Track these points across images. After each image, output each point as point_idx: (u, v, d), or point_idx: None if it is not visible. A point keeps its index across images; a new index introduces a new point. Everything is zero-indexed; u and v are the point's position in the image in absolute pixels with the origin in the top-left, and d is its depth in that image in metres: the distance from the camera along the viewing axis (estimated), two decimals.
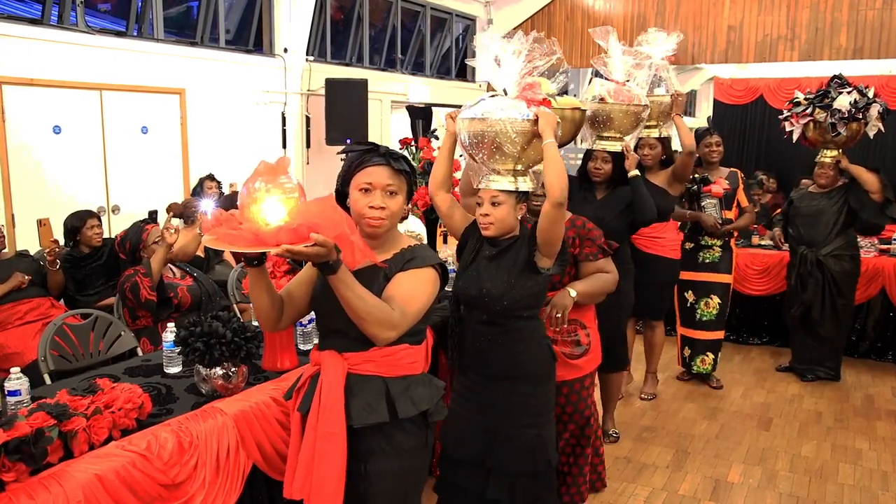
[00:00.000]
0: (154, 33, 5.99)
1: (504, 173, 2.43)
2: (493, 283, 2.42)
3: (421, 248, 1.95)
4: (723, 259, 4.59)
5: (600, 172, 3.56)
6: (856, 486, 3.51)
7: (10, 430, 1.71)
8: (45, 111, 5.17)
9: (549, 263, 2.43)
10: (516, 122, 2.35)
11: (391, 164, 1.86)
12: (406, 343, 1.89)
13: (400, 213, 1.92)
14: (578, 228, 2.91)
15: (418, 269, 1.87)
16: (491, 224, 2.43)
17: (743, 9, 8.39)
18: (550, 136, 2.33)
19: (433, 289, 1.90)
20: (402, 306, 1.81)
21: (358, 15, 8.12)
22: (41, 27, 5.10)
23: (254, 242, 1.59)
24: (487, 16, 9.83)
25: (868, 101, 4.62)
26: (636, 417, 4.30)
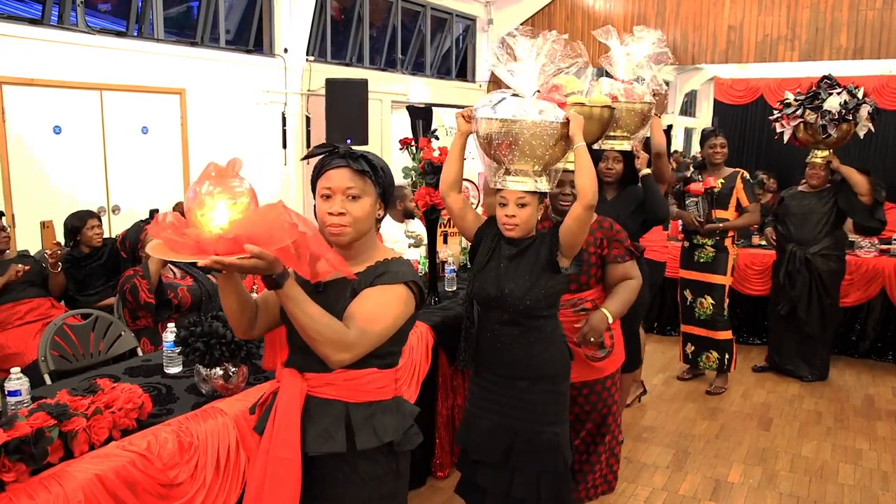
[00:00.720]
0: (154, 33, 5.99)
1: (530, 174, 2.41)
2: (515, 283, 2.41)
3: (397, 262, 1.78)
4: (717, 260, 4.57)
5: (612, 172, 3.56)
6: (856, 486, 3.51)
7: (11, 430, 1.71)
8: (45, 111, 5.17)
9: (568, 263, 2.44)
10: (548, 124, 2.34)
11: (351, 166, 1.71)
12: (373, 366, 1.73)
13: (367, 218, 1.74)
14: (606, 230, 2.91)
15: (388, 286, 1.70)
16: (516, 225, 2.42)
17: (743, 9, 8.40)
18: (581, 139, 2.33)
19: (403, 308, 1.72)
20: (362, 326, 1.63)
21: (358, 15, 8.12)
22: (41, 27, 5.10)
23: (196, 251, 1.44)
24: (487, 16, 9.83)
25: (858, 102, 4.68)
26: (636, 417, 4.30)
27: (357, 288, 1.71)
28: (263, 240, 1.43)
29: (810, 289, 4.79)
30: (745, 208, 4.55)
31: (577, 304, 2.91)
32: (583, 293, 2.92)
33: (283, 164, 7.28)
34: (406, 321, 1.76)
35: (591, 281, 2.93)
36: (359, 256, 1.77)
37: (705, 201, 4.52)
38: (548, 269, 2.42)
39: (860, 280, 5.26)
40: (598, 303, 2.92)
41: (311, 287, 1.69)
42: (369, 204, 1.73)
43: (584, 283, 2.91)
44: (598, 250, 2.90)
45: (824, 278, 4.78)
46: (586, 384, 2.94)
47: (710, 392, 4.72)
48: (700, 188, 4.50)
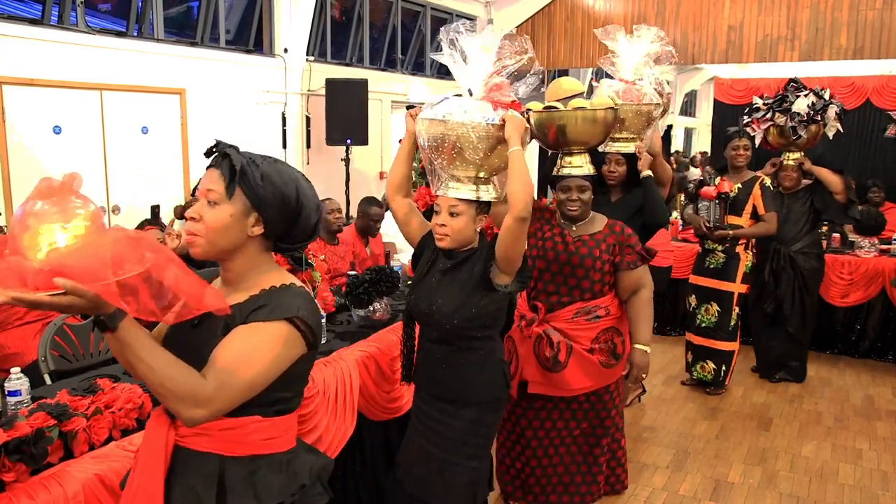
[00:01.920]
0: (154, 33, 5.99)
1: (465, 181, 2.23)
2: (444, 300, 2.23)
3: (282, 292, 1.46)
4: (728, 266, 4.49)
5: (615, 175, 3.54)
6: (856, 486, 3.51)
7: (11, 430, 1.71)
8: (45, 111, 5.17)
9: (508, 280, 2.22)
10: (479, 126, 2.14)
11: (219, 166, 1.48)
12: (257, 414, 1.45)
13: (223, 231, 1.45)
14: (618, 235, 2.85)
15: (261, 324, 1.40)
16: (446, 235, 2.23)
17: (743, 9, 8.39)
18: (517, 144, 2.12)
19: (281, 350, 1.41)
20: (223, 375, 1.35)
21: (358, 15, 8.12)
22: (41, 27, 5.10)
23: (17, 282, 1.17)
24: (487, 16, 9.82)
25: (825, 103, 4.75)
26: (636, 417, 4.30)
27: (231, 323, 1.42)
28: (84, 273, 1.17)
29: (794, 287, 4.82)
30: (761, 216, 4.42)
31: (590, 311, 2.86)
32: (596, 301, 2.86)
33: None
34: (294, 363, 1.46)
35: (604, 288, 2.87)
36: (240, 282, 1.50)
37: (717, 206, 4.44)
38: (481, 286, 2.21)
39: (860, 280, 5.26)
40: (611, 310, 2.87)
41: (188, 321, 1.38)
42: (228, 214, 1.44)
43: (598, 291, 2.86)
44: (612, 257, 2.84)
45: (806, 276, 4.82)
46: (595, 392, 2.92)
47: (709, 392, 4.71)
48: (712, 192, 4.41)
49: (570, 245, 2.85)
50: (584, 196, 2.81)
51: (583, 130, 2.82)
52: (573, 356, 2.82)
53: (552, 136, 2.84)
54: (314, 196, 1.56)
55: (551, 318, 2.87)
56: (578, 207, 2.81)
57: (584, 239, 2.85)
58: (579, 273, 2.83)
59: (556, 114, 2.79)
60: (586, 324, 2.85)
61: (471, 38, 2.21)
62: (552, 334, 2.82)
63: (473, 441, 2.30)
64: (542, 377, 2.88)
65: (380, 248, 4.95)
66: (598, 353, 2.85)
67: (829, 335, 5.56)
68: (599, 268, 2.82)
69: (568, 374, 2.82)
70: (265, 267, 1.53)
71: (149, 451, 1.45)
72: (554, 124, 2.82)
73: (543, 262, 2.88)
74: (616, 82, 3.37)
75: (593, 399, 2.94)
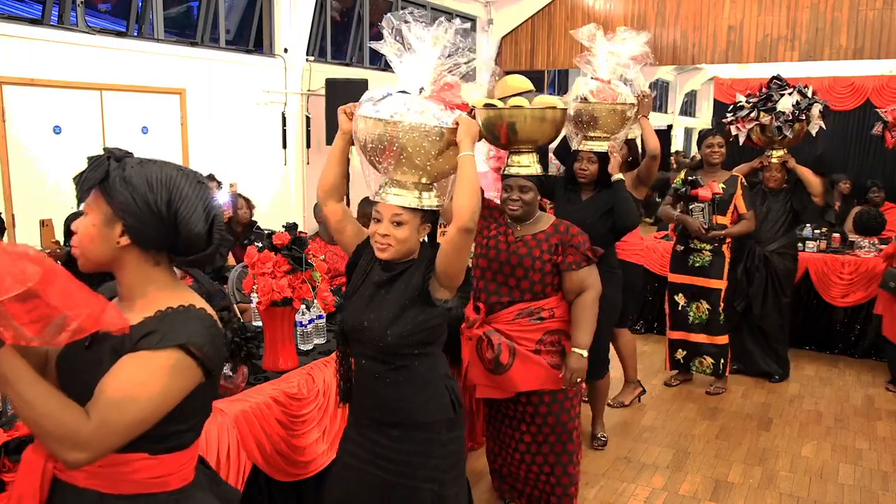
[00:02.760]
0: (154, 33, 5.99)
1: (410, 187, 2.02)
2: (377, 314, 2.03)
3: (178, 315, 1.33)
4: (713, 264, 4.48)
5: (586, 173, 3.47)
6: (856, 486, 3.51)
7: (11, 431, 1.71)
8: (45, 111, 5.17)
9: (448, 295, 2.03)
10: (430, 129, 1.95)
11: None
12: (144, 451, 1.31)
13: (93, 244, 1.32)
14: (562, 234, 2.79)
15: (148, 353, 1.27)
16: (389, 245, 2.01)
17: (743, 9, 8.40)
18: (469, 148, 1.95)
19: (171, 382, 1.28)
20: (105, 413, 1.22)
21: (358, 15, 8.12)
22: (41, 27, 5.10)
23: None
24: (487, 16, 9.83)
25: (809, 101, 4.75)
26: (636, 417, 4.30)
27: (119, 348, 1.28)
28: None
29: (766, 286, 4.81)
30: (742, 215, 4.45)
31: (533, 312, 2.79)
32: (539, 302, 2.80)
33: (282, 164, 7.28)
34: (190, 395, 1.32)
35: (546, 290, 2.80)
36: (133, 299, 1.36)
37: (709, 208, 4.44)
38: (418, 300, 2.01)
39: (860, 280, 5.26)
40: (556, 312, 2.80)
41: (81, 342, 1.26)
42: (91, 224, 1.32)
43: (540, 292, 2.79)
44: (553, 257, 2.77)
45: (780, 277, 4.82)
46: (550, 393, 2.83)
47: (710, 392, 4.70)
48: (708, 195, 4.40)
49: (511, 245, 2.81)
50: (525, 196, 2.77)
51: (532, 129, 2.77)
52: (518, 357, 2.76)
53: (503, 135, 2.78)
54: (203, 201, 1.36)
55: (493, 319, 2.82)
56: (519, 207, 2.78)
57: (525, 239, 2.81)
58: (518, 273, 2.78)
59: (506, 112, 2.72)
60: (529, 325, 2.79)
61: (421, 28, 2.02)
62: (492, 336, 2.76)
63: (431, 463, 2.08)
64: (487, 380, 2.84)
65: None
66: (546, 354, 2.79)
67: (829, 335, 5.56)
68: (539, 268, 2.76)
69: (514, 375, 2.77)
70: (161, 283, 1.37)
71: (24, 482, 1.32)
72: (504, 123, 2.75)
73: (485, 261, 2.85)
74: (591, 81, 3.35)
75: (548, 399, 2.85)
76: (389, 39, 2.06)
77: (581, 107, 3.34)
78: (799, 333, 5.64)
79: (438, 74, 2.02)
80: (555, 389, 2.83)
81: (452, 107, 2.01)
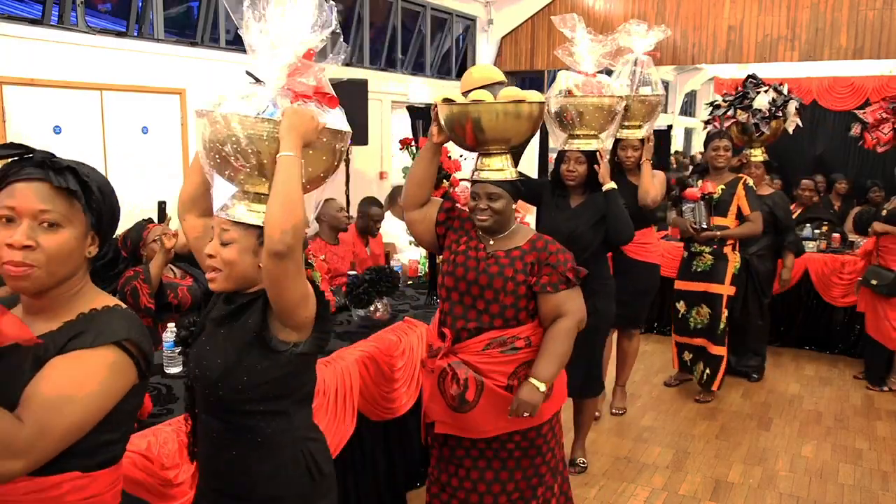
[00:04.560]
0: (154, 33, 5.99)
1: (240, 197, 1.62)
2: (210, 360, 1.62)
3: (106, 314, 1.27)
4: (715, 268, 4.36)
5: (574, 175, 3.19)
6: (856, 486, 3.51)
7: None
8: (45, 111, 5.17)
9: (297, 337, 1.60)
10: (248, 121, 1.56)
11: (51, 180, 1.21)
12: (76, 469, 1.22)
13: (67, 257, 1.24)
14: (540, 251, 2.39)
15: (84, 352, 1.20)
16: (215, 271, 1.62)
17: (743, 9, 8.39)
18: (291, 148, 1.50)
19: (107, 381, 1.21)
20: (42, 416, 1.13)
21: (358, 15, 8.12)
22: (41, 27, 5.10)
23: None
24: (487, 16, 9.83)
25: (785, 99, 4.80)
26: (636, 417, 4.30)
27: (42, 355, 1.20)
28: None
29: (747, 288, 4.79)
30: (746, 217, 4.31)
31: (505, 342, 2.37)
32: (513, 329, 2.38)
33: None
34: (124, 396, 1.25)
35: (520, 315, 2.38)
36: (55, 308, 1.27)
37: (702, 207, 4.32)
38: (256, 343, 1.59)
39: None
40: (532, 341, 2.39)
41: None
42: (73, 238, 1.24)
43: (513, 317, 2.38)
44: (528, 278, 2.37)
45: (761, 279, 4.83)
46: (521, 434, 2.42)
47: (698, 400, 4.59)
48: (696, 193, 4.29)
49: (480, 262, 2.40)
50: (495, 205, 2.37)
51: (504, 126, 2.32)
52: (484, 394, 2.34)
53: (469, 133, 2.34)
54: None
55: (459, 348, 2.40)
56: (488, 217, 2.38)
57: (497, 255, 2.40)
58: (488, 295, 2.37)
59: (473, 107, 2.30)
60: (501, 356, 2.37)
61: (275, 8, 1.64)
62: (458, 368, 2.35)
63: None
64: (449, 417, 2.42)
65: (380, 248, 4.95)
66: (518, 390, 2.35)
67: (828, 335, 5.56)
68: (512, 290, 2.36)
69: (479, 415, 2.35)
70: (85, 289, 1.30)
71: None
72: (469, 119, 2.30)
73: (451, 280, 2.44)
74: (575, 74, 3.14)
75: (517, 438, 2.43)
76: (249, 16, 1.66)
77: (564, 102, 3.10)
78: (799, 333, 5.65)
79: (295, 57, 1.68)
80: (525, 429, 2.41)
81: (299, 97, 1.64)
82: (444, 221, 2.52)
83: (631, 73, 3.63)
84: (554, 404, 2.48)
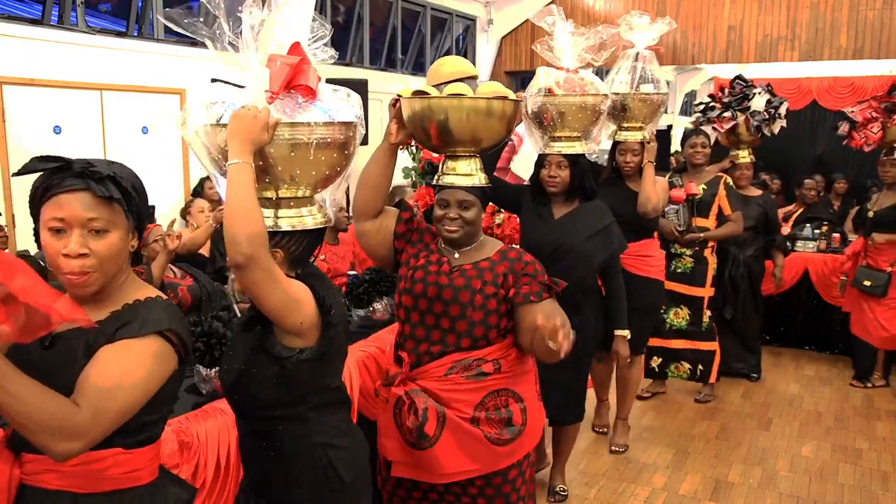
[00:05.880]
0: (154, 33, 5.99)
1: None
2: (228, 365, 1.70)
3: (149, 305, 1.36)
4: (696, 271, 4.21)
5: (556, 181, 2.90)
6: (856, 486, 3.51)
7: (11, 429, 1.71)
8: (45, 111, 5.17)
9: (302, 343, 1.61)
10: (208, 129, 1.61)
11: (94, 190, 1.28)
12: (118, 446, 1.31)
13: (117, 257, 1.33)
14: (512, 262, 2.18)
15: (131, 341, 1.29)
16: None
17: (743, 9, 8.40)
18: (235, 154, 1.50)
19: (154, 367, 1.31)
20: (98, 401, 1.22)
21: (358, 15, 8.12)
22: (41, 27, 5.10)
23: None
24: (487, 16, 9.83)
25: (780, 101, 4.77)
26: (636, 417, 4.30)
27: (93, 343, 1.29)
28: None
29: (746, 290, 4.78)
30: (727, 217, 4.20)
31: (471, 366, 2.12)
32: (480, 351, 2.13)
33: None
34: (166, 382, 1.35)
35: (490, 334, 2.13)
36: (102, 299, 1.36)
37: (686, 209, 4.20)
38: (261, 350, 1.63)
39: None
40: (502, 365, 2.14)
41: (36, 342, 1.22)
42: (119, 238, 1.33)
43: (482, 337, 2.12)
44: (499, 290, 2.13)
45: (755, 279, 4.82)
46: (482, 477, 2.15)
47: (699, 400, 4.54)
48: (681, 195, 4.15)
49: (443, 276, 2.15)
50: (467, 214, 2.14)
51: (474, 126, 2.10)
52: (447, 428, 2.08)
53: (434, 133, 2.12)
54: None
55: (418, 374, 2.14)
56: (458, 228, 2.15)
57: (463, 269, 2.16)
58: (453, 311, 2.11)
59: (437, 103, 2.07)
60: (466, 383, 2.11)
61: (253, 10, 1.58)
62: (417, 397, 2.08)
63: None
64: (406, 456, 2.14)
65: None
66: (486, 424, 2.10)
67: (828, 335, 5.56)
68: (480, 304, 2.11)
69: (439, 453, 2.08)
70: (128, 280, 1.40)
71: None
72: (434, 117, 2.08)
73: (409, 299, 2.18)
74: (556, 70, 2.90)
75: (488, 491, 2.16)
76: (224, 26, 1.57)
77: (545, 101, 2.83)
78: (799, 333, 5.64)
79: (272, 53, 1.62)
80: (496, 471, 2.15)
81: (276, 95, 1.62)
82: (404, 234, 2.27)
83: (631, 70, 3.40)
84: (526, 443, 2.19)
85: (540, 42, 2.91)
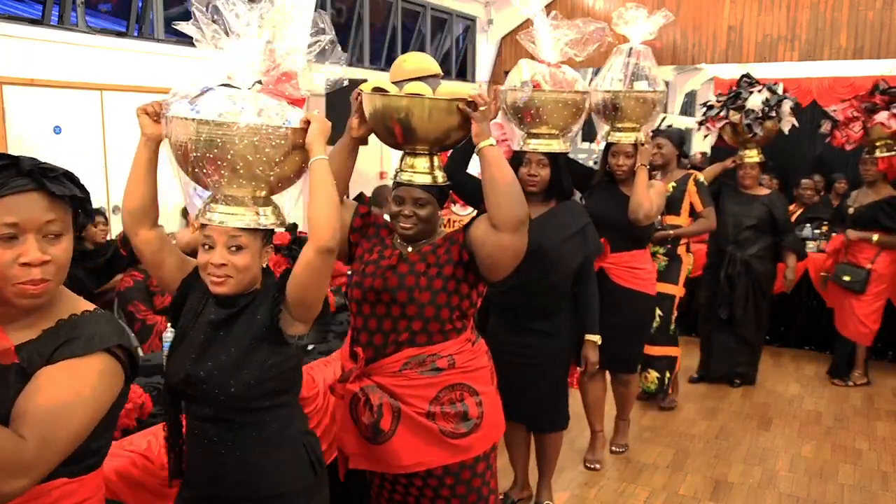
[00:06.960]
0: (154, 33, 5.99)
1: (247, 203, 1.66)
2: (215, 361, 1.64)
3: (92, 319, 1.25)
4: (669, 269, 4.02)
5: (536, 180, 2.80)
6: (856, 486, 3.51)
7: None
8: (45, 111, 5.17)
9: (304, 329, 1.67)
10: (272, 131, 1.60)
11: (48, 189, 1.17)
12: (63, 476, 1.20)
13: (68, 262, 1.23)
14: (453, 237, 2.19)
15: (76, 361, 1.17)
16: (228, 277, 1.64)
17: (743, 9, 8.40)
18: (321, 150, 1.63)
19: (102, 388, 1.20)
20: (43, 431, 1.10)
21: (358, 15, 8.12)
22: (41, 27, 5.10)
23: None
24: (487, 16, 9.83)
25: (779, 98, 4.71)
26: (636, 417, 4.30)
27: (28, 366, 1.17)
28: None
29: (747, 291, 4.73)
30: (699, 213, 4.07)
31: (425, 361, 2.11)
32: (435, 346, 2.11)
33: None
34: (113, 403, 1.24)
35: (445, 327, 2.12)
36: (30, 315, 1.22)
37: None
38: (266, 338, 1.64)
39: None
40: (457, 360, 2.13)
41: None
42: (70, 243, 1.23)
43: (437, 331, 2.11)
44: (442, 268, 2.14)
45: (762, 281, 4.75)
46: (449, 471, 2.13)
47: (664, 407, 4.42)
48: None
49: (389, 268, 2.13)
50: (422, 212, 2.12)
51: (437, 125, 2.07)
52: (402, 422, 2.10)
53: (393, 129, 2.10)
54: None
55: (373, 369, 2.13)
56: (413, 225, 2.13)
57: (411, 260, 2.14)
58: (400, 297, 2.08)
59: (395, 100, 2.05)
60: (420, 378, 2.10)
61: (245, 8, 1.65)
62: (372, 393, 2.10)
63: None
64: (363, 449, 2.17)
65: None
66: (441, 418, 2.10)
67: (829, 335, 5.55)
68: (426, 286, 2.08)
69: (397, 446, 2.10)
70: (60, 294, 1.26)
71: None
72: (393, 115, 2.07)
73: (359, 291, 2.15)
74: (536, 64, 2.81)
75: (450, 482, 2.15)
76: (203, 19, 1.69)
77: (522, 96, 2.74)
78: (799, 333, 5.65)
79: (272, 63, 1.68)
80: (458, 464, 2.14)
81: (291, 102, 1.69)
82: (360, 228, 2.26)
83: (624, 66, 3.19)
84: (485, 437, 2.18)
85: (524, 32, 2.83)
